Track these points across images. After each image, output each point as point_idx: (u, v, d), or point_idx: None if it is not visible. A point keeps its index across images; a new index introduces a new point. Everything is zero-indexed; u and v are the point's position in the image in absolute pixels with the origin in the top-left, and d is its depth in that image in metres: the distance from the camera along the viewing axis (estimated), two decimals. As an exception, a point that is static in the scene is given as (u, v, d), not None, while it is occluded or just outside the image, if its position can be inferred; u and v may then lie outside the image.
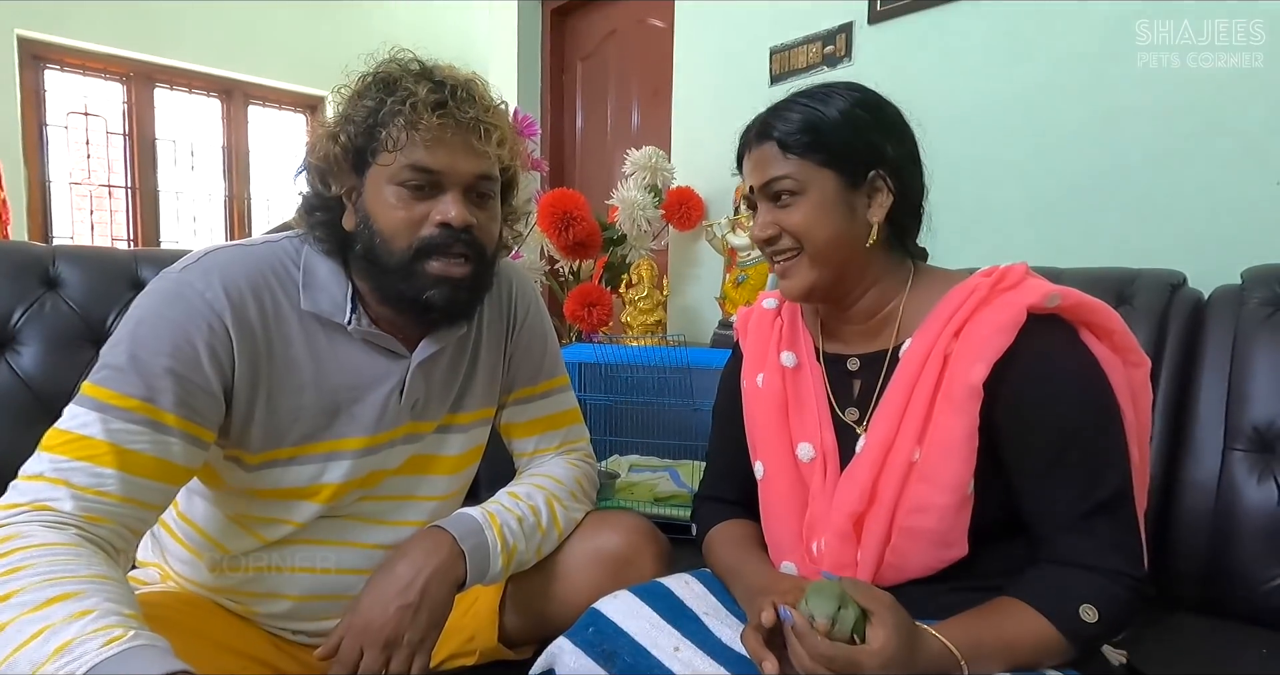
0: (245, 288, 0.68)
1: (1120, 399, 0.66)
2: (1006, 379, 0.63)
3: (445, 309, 0.71)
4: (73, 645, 0.45)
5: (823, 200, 0.68)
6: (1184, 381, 0.97)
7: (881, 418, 0.68)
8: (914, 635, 0.57)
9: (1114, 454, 0.64)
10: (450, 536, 0.71)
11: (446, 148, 0.67)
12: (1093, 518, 0.61)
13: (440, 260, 0.69)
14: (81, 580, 0.51)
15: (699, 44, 2.08)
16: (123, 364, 0.61)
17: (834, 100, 0.70)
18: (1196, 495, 0.91)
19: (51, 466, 0.58)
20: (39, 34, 3.19)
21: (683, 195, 1.93)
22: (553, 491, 0.83)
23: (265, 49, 3.78)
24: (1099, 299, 0.66)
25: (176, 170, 3.73)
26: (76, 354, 1.05)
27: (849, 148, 0.69)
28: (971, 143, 1.44)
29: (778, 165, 0.69)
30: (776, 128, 0.69)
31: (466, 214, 0.68)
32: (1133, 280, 1.04)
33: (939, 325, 0.67)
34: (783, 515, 0.74)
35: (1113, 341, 0.68)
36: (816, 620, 0.55)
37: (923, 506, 0.64)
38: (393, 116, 0.66)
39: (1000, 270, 0.68)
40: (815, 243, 0.69)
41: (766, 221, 0.71)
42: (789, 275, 0.72)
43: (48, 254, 1.09)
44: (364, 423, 0.73)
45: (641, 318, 1.76)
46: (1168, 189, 1.21)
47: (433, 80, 0.68)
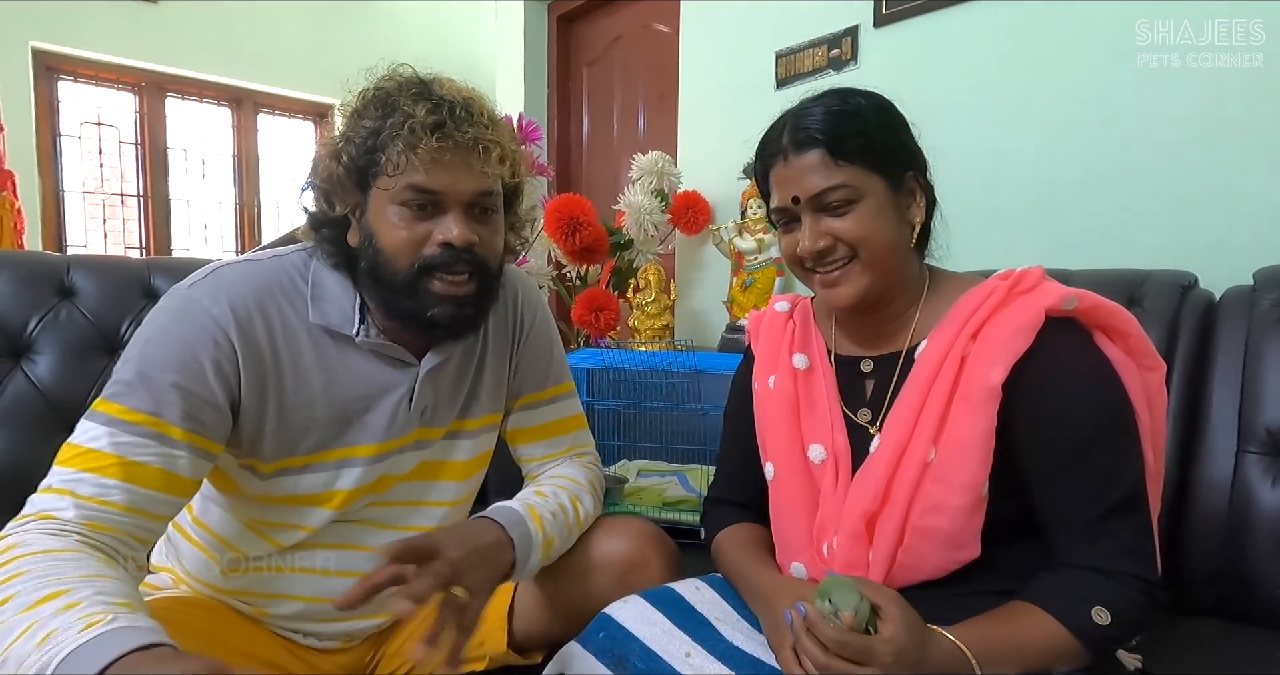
0: (252, 304, 0.69)
1: (1135, 402, 0.66)
2: (1023, 381, 0.63)
3: (450, 326, 0.72)
4: (54, 635, 0.46)
5: (878, 207, 0.67)
6: (1196, 384, 0.96)
7: (897, 417, 0.68)
8: (923, 631, 0.57)
9: (1128, 457, 0.64)
10: (498, 524, 0.72)
11: (446, 169, 0.67)
12: (1107, 521, 0.61)
13: (443, 279, 0.69)
14: (74, 580, 0.51)
15: (704, 49, 2.08)
16: (131, 379, 0.63)
17: (861, 104, 0.69)
18: (1210, 498, 0.91)
19: (59, 478, 0.59)
20: (53, 46, 3.24)
21: (689, 200, 1.93)
22: (574, 491, 0.83)
23: (274, 58, 3.81)
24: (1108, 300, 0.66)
25: (188, 179, 3.77)
26: (91, 362, 1.06)
27: (891, 151, 0.69)
28: (979, 145, 1.44)
29: (830, 174, 0.66)
30: (820, 133, 0.67)
31: (468, 233, 0.69)
32: (1143, 282, 1.03)
33: (956, 327, 0.67)
34: (793, 517, 0.74)
35: (1128, 345, 0.68)
36: (842, 612, 0.56)
37: (937, 507, 0.64)
38: (391, 139, 0.66)
39: (1017, 273, 0.68)
40: (874, 249, 0.67)
41: (819, 232, 0.68)
42: (841, 283, 0.69)
43: (62, 263, 1.11)
44: (375, 431, 0.74)
45: (649, 322, 1.76)
46: (1179, 189, 1.20)
47: (431, 100, 0.68)
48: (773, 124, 0.73)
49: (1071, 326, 0.65)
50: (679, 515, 1.33)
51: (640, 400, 1.50)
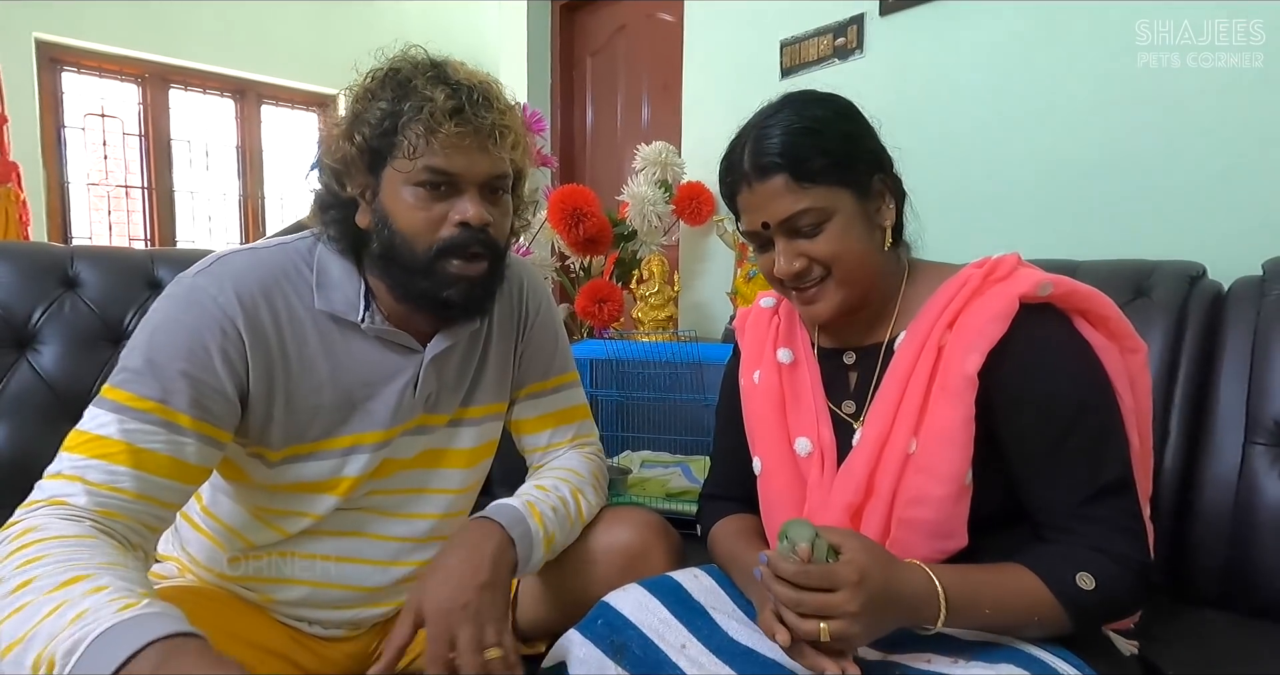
0: (257, 291, 0.69)
1: (1118, 385, 0.66)
2: (1001, 368, 0.63)
3: (464, 306, 0.73)
4: (89, 612, 0.46)
5: (848, 222, 0.66)
6: (1204, 375, 0.95)
7: (877, 410, 0.68)
8: (889, 559, 0.59)
9: (1112, 440, 0.64)
10: (498, 524, 0.72)
11: (463, 152, 0.68)
12: (1094, 503, 0.61)
13: (460, 260, 0.70)
14: (95, 566, 0.52)
15: (709, 37, 2.07)
16: (139, 367, 0.63)
17: (819, 115, 0.67)
18: (1216, 490, 0.90)
19: (69, 464, 0.60)
20: (56, 37, 3.23)
21: (693, 190, 1.92)
22: (576, 484, 0.83)
23: (277, 48, 3.80)
24: (1114, 291, 0.66)
25: (191, 170, 3.77)
26: (95, 353, 1.07)
27: (855, 160, 0.67)
28: (984, 134, 1.42)
29: (796, 198, 0.65)
30: (779, 157, 0.65)
31: (484, 213, 0.69)
32: (1151, 272, 1.02)
33: (932, 317, 0.67)
34: (782, 510, 0.74)
35: (1108, 328, 0.68)
36: (798, 546, 0.57)
37: (920, 498, 0.64)
38: (410, 122, 0.67)
39: (992, 261, 0.68)
40: (848, 265, 0.67)
41: (792, 256, 0.67)
42: (818, 299, 0.69)
43: (66, 255, 1.11)
44: (380, 417, 0.75)
45: (652, 313, 1.76)
46: (1186, 179, 1.19)
47: (449, 84, 0.68)
48: (732, 143, 0.71)
49: (1048, 312, 0.65)
50: (682, 506, 1.33)
51: (644, 391, 1.50)
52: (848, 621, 0.55)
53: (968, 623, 0.59)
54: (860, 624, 0.55)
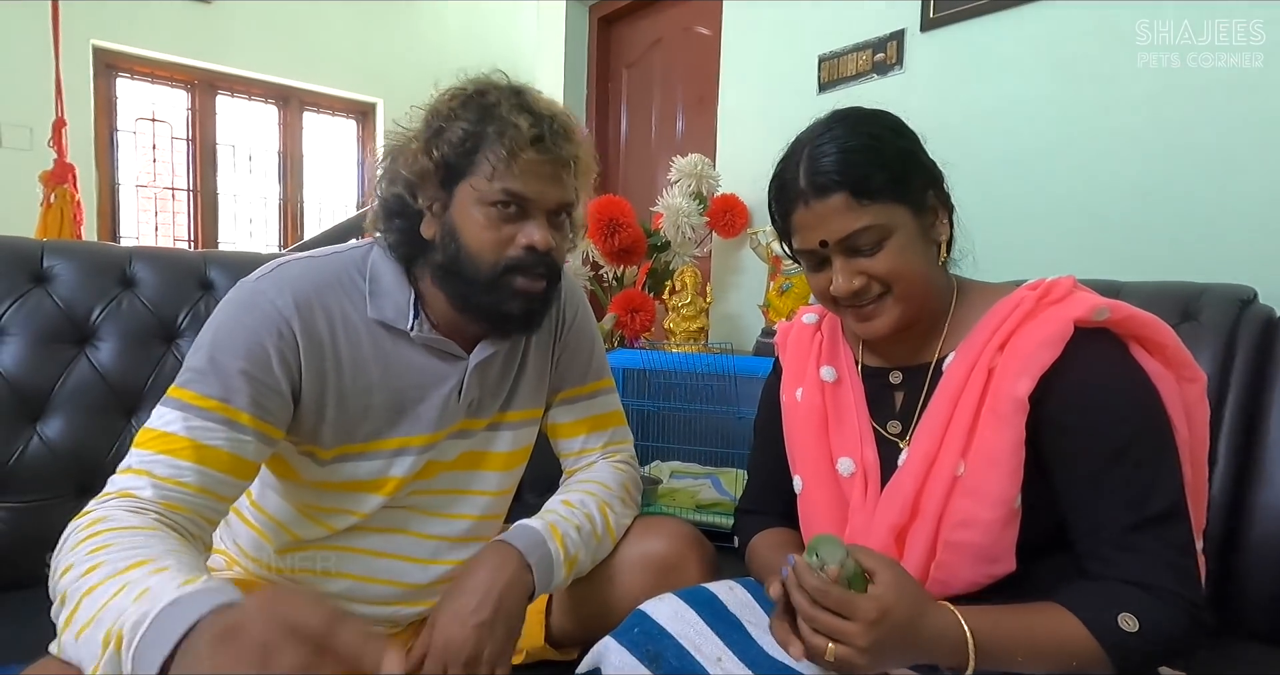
0: (314, 297, 0.72)
1: (1173, 415, 0.64)
2: (1052, 393, 0.62)
3: (523, 320, 0.76)
4: (151, 591, 0.48)
5: (906, 238, 0.66)
6: (1253, 402, 0.93)
7: (924, 431, 0.68)
8: (920, 600, 0.57)
9: (1164, 470, 0.62)
10: (516, 551, 0.74)
11: (539, 179, 0.71)
12: (1141, 534, 0.59)
13: (524, 278, 0.73)
14: (159, 552, 0.55)
15: (746, 51, 2.08)
16: (203, 367, 0.67)
17: (874, 132, 0.67)
18: (1266, 520, 0.88)
19: (138, 460, 0.63)
20: (112, 44, 3.36)
21: (727, 202, 1.93)
22: (604, 498, 0.84)
23: (320, 57, 3.91)
24: (1161, 314, 0.65)
25: (235, 174, 3.88)
26: (149, 350, 1.10)
27: (911, 176, 0.67)
28: (1027, 152, 1.41)
29: (856, 216, 0.64)
30: (838, 175, 0.64)
31: (549, 238, 0.72)
32: (1199, 295, 1.00)
33: (984, 338, 0.66)
34: (822, 530, 0.73)
35: (1165, 356, 0.66)
36: (828, 566, 0.56)
37: (967, 521, 0.63)
38: (492, 145, 0.70)
39: (1046, 283, 0.67)
40: (908, 282, 0.66)
41: (852, 274, 0.66)
42: (876, 316, 0.68)
43: (125, 255, 1.15)
44: (426, 421, 0.77)
45: (685, 324, 1.77)
46: (1236, 199, 1.17)
47: (531, 112, 0.71)
48: (782, 161, 0.70)
49: (1104, 337, 0.64)
50: (713, 518, 1.33)
51: (674, 402, 1.51)
52: (855, 652, 0.55)
53: (1000, 668, 0.58)
54: (867, 658, 0.55)
